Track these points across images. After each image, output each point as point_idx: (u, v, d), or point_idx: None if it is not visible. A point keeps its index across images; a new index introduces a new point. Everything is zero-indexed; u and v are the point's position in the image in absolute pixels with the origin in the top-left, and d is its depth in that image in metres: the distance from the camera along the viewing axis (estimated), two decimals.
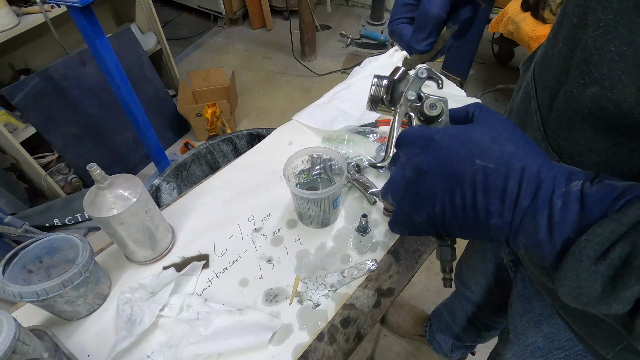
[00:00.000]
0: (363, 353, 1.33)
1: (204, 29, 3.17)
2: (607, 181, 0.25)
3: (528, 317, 0.55)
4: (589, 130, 0.34)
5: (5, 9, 1.41)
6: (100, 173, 0.55)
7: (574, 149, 0.36)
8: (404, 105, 0.38)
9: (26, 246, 0.57)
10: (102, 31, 1.16)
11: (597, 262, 0.23)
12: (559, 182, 0.26)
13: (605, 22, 0.29)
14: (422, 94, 0.38)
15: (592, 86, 0.32)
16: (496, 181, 0.28)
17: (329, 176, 0.75)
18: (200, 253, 0.70)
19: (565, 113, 0.36)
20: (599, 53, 0.30)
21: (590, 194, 0.24)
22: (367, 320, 0.61)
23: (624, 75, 0.29)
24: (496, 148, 0.29)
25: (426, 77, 0.38)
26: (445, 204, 0.31)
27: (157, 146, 1.55)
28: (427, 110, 0.35)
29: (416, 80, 0.38)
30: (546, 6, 1.60)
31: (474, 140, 0.30)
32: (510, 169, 0.28)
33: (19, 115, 1.60)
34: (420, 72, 0.38)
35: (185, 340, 0.57)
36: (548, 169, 0.27)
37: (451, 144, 0.30)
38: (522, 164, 0.27)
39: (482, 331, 0.98)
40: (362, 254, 0.69)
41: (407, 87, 0.39)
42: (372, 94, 0.41)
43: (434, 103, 0.35)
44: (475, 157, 0.29)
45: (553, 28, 0.41)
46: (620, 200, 0.23)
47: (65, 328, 0.60)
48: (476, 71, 2.45)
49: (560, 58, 0.37)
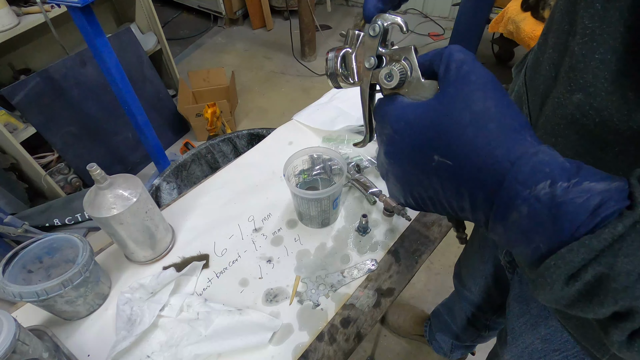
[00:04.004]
0: (363, 353, 1.33)
1: (204, 29, 3.17)
2: (587, 183, 0.21)
3: (525, 319, 0.55)
4: (573, 136, 0.34)
5: (5, 9, 1.42)
6: (100, 173, 0.55)
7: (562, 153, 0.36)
8: (364, 75, 0.33)
9: (26, 246, 0.57)
10: (102, 31, 1.16)
11: (568, 283, 0.21)
12: (523, 181, 0.23)
13: (591, 30, 0.29)
14: (383, 56, 0.31)
15: (578, 93, 0.32)
16: (454, 181, 0.26)
17: (329, 176, 0.75)
18: (200, 253, 0.70)
19: (552, 119, 0.36)
20: (585, 60, 0.31)
21: (564, 203, 0.21)
22: (367, 320, 0.61)
23: (607, 82, 0.29)
24: (454, 136, 0.25)
25: (380, 32, 0.30)
26: (417, 194, 0.30)
27: (157, 146, 1.55)
28: (383, 82, 0.30)
29: (369, 41, 0.31)
30: (546, 6, 1.60)
31: (431, 127, 0.26)
32: (465, 166, 0.25)
33: (19, 115, 1.60)
34: (371, 30, 0.31)
35: (185, 340, 0.57)
36: (510, 161, 0.23)
37: (409, 134, 0.28)
38: (481, 157, 0.24)
39: (482, 331, 0.98)
40: (362, 254, 0.69)
41: (363, 53, 0.32)
42: (326, 69, 0.35)
43: (390, 72, 0.29)
44: (433, 151, 0.26)
45: (543, 34, 0.41)
46: (595, 216, 0.21)
47: (65, 328, 0.60)
48: None
49: (550, 64, 0.37)
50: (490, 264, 0.77)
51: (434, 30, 2.90)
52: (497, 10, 1.94)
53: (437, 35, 2.85)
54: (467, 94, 0.25)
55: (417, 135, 0.27)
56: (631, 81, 0.28)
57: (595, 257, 0.20)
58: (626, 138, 0.30)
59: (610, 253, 0.20)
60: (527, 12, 1.71)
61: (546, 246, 0.22)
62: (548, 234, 0.22)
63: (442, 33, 2.86)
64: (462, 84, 0.26)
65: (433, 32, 2.88)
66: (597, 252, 0.20)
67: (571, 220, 0.21)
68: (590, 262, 0.20)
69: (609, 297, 0.20)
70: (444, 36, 2.82)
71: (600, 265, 0.20)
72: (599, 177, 0.22)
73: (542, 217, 0.22)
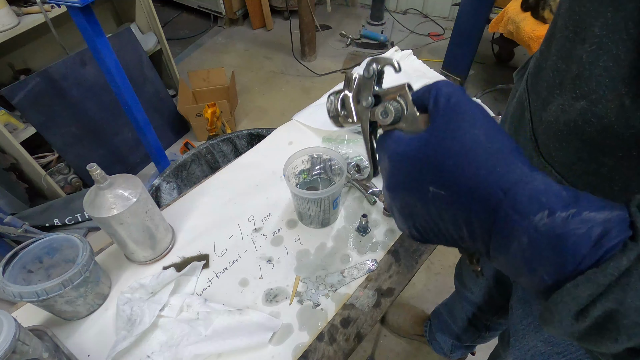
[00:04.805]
0: (363, 353, 1.33)
1: (204, 29, 3.17)
2: (586, 213, 0.21)
3: (528, 321, 0.55)
4: (577, 142, 0.34)
5: (5, 9, 1.41)
6: (100, 173, 0.55)
7: (566, 158, 0.36)
8: (363, 114, 0.35)
9: (26, 246, 0.57)
10: (102, 31, 1.15)
11: (578, 319, 0.21)
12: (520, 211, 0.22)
13: (599, 39, 0.30)
14: (380, 94, 0.33)
15: (582, 100, 0.32)
16: (450, 211, 0.26)
17: (329, 176, 0.75)
18: (200, 253, 0.70)
19: (554, 125, 0.37)
20: (590, 68, 0.31)
21: (565, 235, 0.21)
22: (367, 320, 0.61)
23: (607, 90, 0.29)
24: (445, 166, 0.26)
25: (375, 74, 0.33)
26: (419, 225, 0.30)
27: (157, 146, 1.55)
28: (380, 119, 0.31)
29: (366, 82, 0.34)
30: (546, 6, 1.60)
31: (424, 158, 0.27)
32: (458, 195, 0.25)
33: (19, 115, 1.60)
34: (366, 72, 0.33)
35: (185, 340, 0.57)
36: (503, 189, 0.23)
37: (405, 168, 0.29)
38: (471, 185, 0.24)
39: (482, 332, 0.98)
40: (362, 254, 0.69)
41: (360, 93, 0.34)
42: (327, 111, 0.38)
43: (384, 109, 0.31)
44: (428, 183, 0.27)
45: (545, 40, 0.41)
46: (599, 249, 0.20)
47: (65, 328, 0.60)
48: (476, 71, 2.45)
49: (554, 71, 0.37)
50: (492, 266, 0.77)
51: (434, 30, 2.90)
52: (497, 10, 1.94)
53: (437, 35, 2.85)
54: (455, 124, 0.26)
55: (412, 168, 0.28)
56: (629, 89, 0.28)
57: (603, 293, 0.19)
58: (627, 144, 0.30)
59: (618, 288, 0.19)
60: (527, 12, 1.71)
61: (551, 278, 0.22)
62: (551, 266, 0.21)
63: (442, 33, 2.86)
64: (450, 115, 0.26)
65: (433, 32, 2.88)
66: (604, 288, 0.19)
67: (574, 252, 0.20)
68: (598, 298, 0.20)
69: (621, 334, 0.19)
70: (444, 36, 2.82)
71: (609, 302, 0.19)
72: (598, 206, 0.21)
73: (544, 249, 0.21)
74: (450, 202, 0.26)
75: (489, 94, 2.29)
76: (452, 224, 0.27)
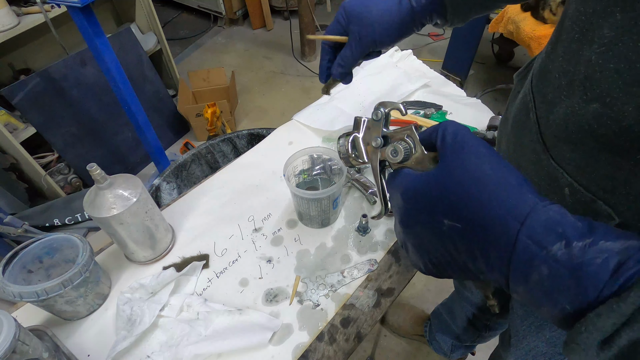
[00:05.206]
0: (363, 353, 1.33)
1: (204, 29, 3.17)
2: (603, 243, 0.21)
3: (530, 322, 0.55)
4: (591, 144, 0.34)
5: (5, 9, 1.41)
6: (100, 173, 0.55)
7: (580, 161, 0.36)
8: (373, 154, 0.37)
9: (26, 246, 0.57)
10: (102, 31, 1.15)
11: (603, 348, 0.21)
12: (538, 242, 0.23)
13: (609, 39, 0.29)
14: (388, 135, 0.36)
15: (594, 102, 0.32)
16: (466, 243, 0.27)
17: (329, 176, 0.75)
18: (200, 253, 0.70)
19: (564, 127, 0.36)
20: (601, 69, 0.30)
21: (584, 264, 0.21)
22: (367, 320, 0.61)
23: (622, 92, 0.29)
24: (458, 199, 0.27)
25: (383, 117, 0.36)
26: (435, 259, 0.31)
27: (157, 146, 1.55)
28: (390, 158, 0.34)
29: (374, 125, 0.37)
30: (546, 6, 1.60)
31: (437, 193, 0.28)
32: (473, 226, 0.26)
33: (19, 115, 1.60)
34: (375, 115, 0.36)
35: (185, 340, 0.57)
36: (519, 220, 0.24)
37: (418, 202, 0.30)
38: (486, 215, 0.25)
39: (482, 332, 0.98)
40: (362, 254, 0.69)
41: (369, 135, 0.37)
42: (338, 152, 0.41)
43: (394, 148, 0.33)
44: (442, 216, 0.28)
45: (551, 42, 0.41)
46: (618, 277, 0.20)
47: (65, 328, 0.60)
48: (476, 71, 2.45)
49: (560, 73, 0.37)
50: None
51: (434, 31, 2.89)
52: (497, 10, 1.94)
53: (437, 35, 2.85)
54: (463, 158, 0.28)
55: (426, 203, 0.29)
56: None
57: (627, 322, 0.20)
58: None
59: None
60: (527, 12, 1.71)
61: (572, 307, 0.22)
62: (572, 295, 0.22)
63: (442, 33, 2.86)
64: (457, 151, 0.28)
65: (433, 32, 2.87)
66: (627, 317, 0.19)
67: (594, 281, 0.21)
68: (622, 327, 0.20)
69: None
70: (444, 36, 2.82)
71: (633, 331, 0.19)
72: (613, 236, 0.22)
73: (564, 278, 0.22)
74: (466, 233, 0.27)
75: (489, 94, 2.29)
76: (469, 256, 0.27)
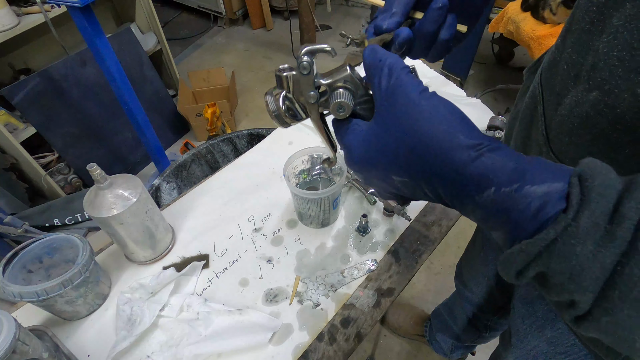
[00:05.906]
0: (363, 353, 1.33)
1: (204, 29, 3.17)
2: (528, 187, 0.23)
3: (531, 321, 0.55)
4: (587, 135, 0.34)
5: (5, 9, 1.41)
6: (100, 173, 0.55)
7: (576, 153, 0.36)
8: (312, 108, 0.34)
9: (26, 246, 0.57)
10: (102, 31, 1.15)
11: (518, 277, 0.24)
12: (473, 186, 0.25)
13: (616, 28, 0.30)
14: (325, 87, 0.33)
15: (594, 91, 0.32)
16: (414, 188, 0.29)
17: (329, 176, 0.75)
18: (200, 253, 0.70)
19: (568, 118, 0.36)
20: (605, 58, 0.31)
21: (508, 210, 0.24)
22: (367, 320, 0.61)
23: (620, 80, 0.29)
24: (402, 156, 0.28)
25: (309, 66, 0.32)
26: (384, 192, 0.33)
27: (157, 146, 1.55)
28: (337, 114, 0.32)
29: (304, 79, 0.33)
30: (546, 6, 1.60)
31: (381, 151, 0.29)
32: (419, 180, 0.28)
33: (19, 115, 1.60)
34: (302, 69, 0.32)
35: (185, 340, 0.57)
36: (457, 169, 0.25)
37: (367, 163, 0.31)
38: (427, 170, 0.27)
39: (483, 332, 0.98)
40: (362, 254, 0.69)
41: (302, 91, 0.33)
42: (269, 112, 0.36)
43: (339, 105, 0.31)
44: (390, 173, 0.29)
45: (562, 34, 0.41)
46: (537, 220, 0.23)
47: (65, 328, 0.60)
48: (476, 71, 2.45)
49: (569, 64, 0.37)
50: (493, 266, 0.76)
51: None
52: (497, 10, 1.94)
53: None
54: (397, 112, 0.27)
55: (374, 162, 0.30)
56: None
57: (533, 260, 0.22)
58: (638, 138, 0.30)
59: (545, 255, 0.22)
60: (527, 12, 1.71)
61: (505, 241, 0.26)
62: (503, 234, 0.25)
63: None
64: (391, 98, 0.28)
65: None
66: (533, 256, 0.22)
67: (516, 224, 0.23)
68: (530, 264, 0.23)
69: (552, 290, 0.23)
70: None
71: (538, 266, 0.23)
72: (542, 178, 0.23)
73: (494, 220, 0.25)
74: (414, 183, 0.29)
75: (489, 94, 2.29)
76: (420, 195, 0.30)
